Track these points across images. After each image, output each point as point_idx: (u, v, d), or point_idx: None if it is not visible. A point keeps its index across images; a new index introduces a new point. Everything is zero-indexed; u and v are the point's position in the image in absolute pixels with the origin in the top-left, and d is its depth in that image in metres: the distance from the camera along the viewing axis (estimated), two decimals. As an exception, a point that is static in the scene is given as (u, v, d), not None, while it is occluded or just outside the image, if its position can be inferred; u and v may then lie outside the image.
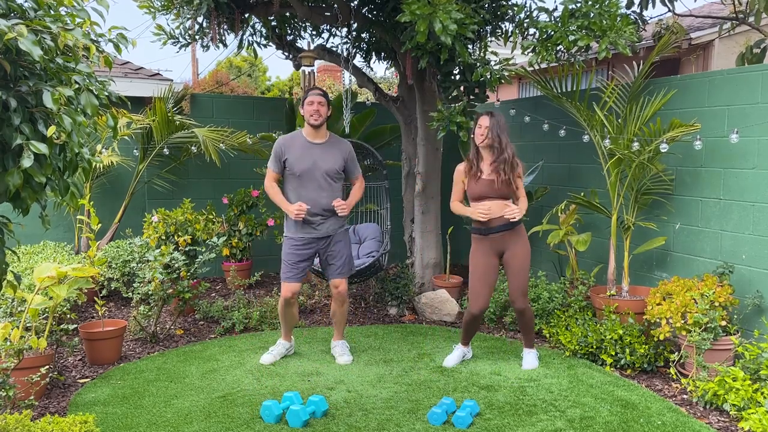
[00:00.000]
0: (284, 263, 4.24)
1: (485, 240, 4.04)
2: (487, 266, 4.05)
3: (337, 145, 4.27)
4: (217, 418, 3.41)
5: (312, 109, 4.13)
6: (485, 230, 4.02)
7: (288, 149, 4.18)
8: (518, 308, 4.09)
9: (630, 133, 4.61)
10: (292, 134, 4.31)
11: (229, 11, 5.68)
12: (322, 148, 4.20)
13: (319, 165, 4.14)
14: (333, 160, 4.19)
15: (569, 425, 3.33)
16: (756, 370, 3.58)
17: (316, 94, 4.17)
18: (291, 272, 4.21)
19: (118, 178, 6.71)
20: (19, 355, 3.47)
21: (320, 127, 4.20)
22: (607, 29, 4.33)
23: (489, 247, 4.05)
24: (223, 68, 19.54)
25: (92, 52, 2.17)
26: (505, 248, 4.06)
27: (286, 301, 4.25)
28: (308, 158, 4.14)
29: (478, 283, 4.06)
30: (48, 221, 2.32)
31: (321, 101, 4.15)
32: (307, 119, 4.17)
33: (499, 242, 4.03)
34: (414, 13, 4.16)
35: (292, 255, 4.21)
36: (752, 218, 4.23)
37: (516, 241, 4.05)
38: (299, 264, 4.21)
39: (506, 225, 4.00)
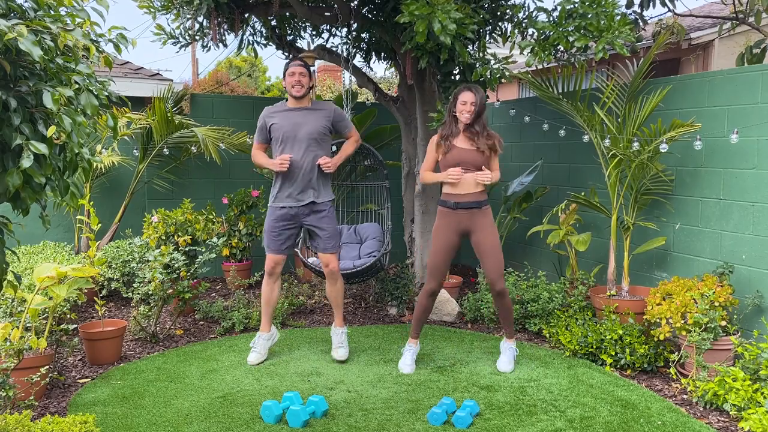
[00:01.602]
0: (266, 234, 4.25)
1: (452, 215, 4.00)
2: (450, 244, 4.04)
3: (320, 107, 4.29)
4: (217, 418, 3.41)
5: (293, 80, 4.16)
6: (454, 204, 3.98)
7: (271, 118, 4.24)
8: (498, 290, 4.02)
9: (629, 133, 4.62)
10: (275, 105, 4.35)
11: (229, 11, 5.68)
12: (304, 112, 4.23)
13: (301, 128, 4.16)
14: (315, 122, 4.20)
15: (569, 425, 3.33)
16: (756, 370, 3.58)
17: (297, 65, 4.19)
18: (271, 242, 4.22)
19: (118, 178, 6.71)
20: (19, 355, 3.47)
21: (303, 98, 4.22)
22: (605, 30, 4.32)
23: (454, 225, 4.01)
24: (223, 68, 19.55)
25: (92, 53, 2.17)
26: (471, 228, 4.01)
27: (268, 274, 4.26)
28: (290, 122, 4.18)
29: (441, 257, 4.03)
30: (48, 221, 2.32)
31: (302, 71, 4.17)
32: (289, 90, 4.20)
33: (465, 220, 3.99)
34: (413, 13, 4.16)
35: (273, 224, 4.21)
36: (752, 218, 4.24)
37: (484, 221, 4.01)
38: (281, 235, 4.20)
39: (476, 203, 3.97)
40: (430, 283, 4.11)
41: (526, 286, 5.13)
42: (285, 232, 4.23)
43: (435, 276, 4.08)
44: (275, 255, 4.25)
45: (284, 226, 4.22)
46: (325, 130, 4.23)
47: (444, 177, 3.96)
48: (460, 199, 3.98)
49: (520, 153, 6.54)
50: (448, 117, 4.08)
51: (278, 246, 4.23)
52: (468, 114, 3.94)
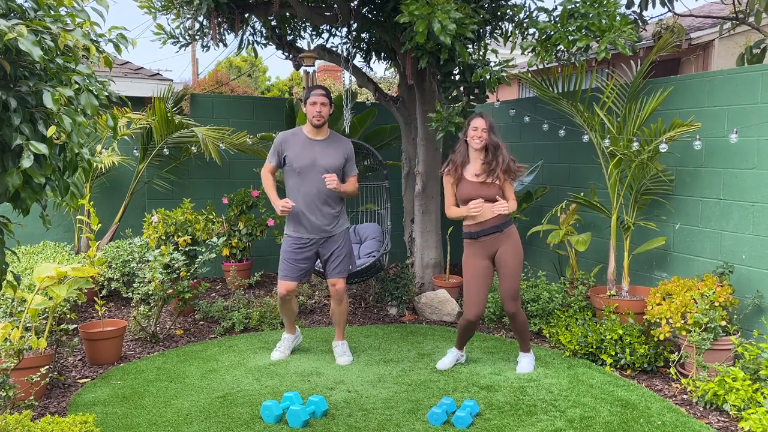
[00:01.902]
0: (282, 261, 4.26)
1: (476, 243, 4.03)
2: (480, 271, 4.03)
3: (338, 143, 4.27)
4: (217, 418, 3.41)
5: (314, 110, 4.15)
6: (476, 233, 4.01)
7: (288, 145, 4.20)
8: (508, 312, 4.07)
9: (629, 133, 4.62)
10: (293, 130, 4.33)
11: (229, 11, 5.68)
12: (322, 145, 4.21)
13: (318, 162, 4.15)
14: (333, 158, 4.20)
15: (569, 425, 3.33)
16: (756, 370, 3.58)
17: (319, 95, 4.17)
18: (287, 270, 4.23)
19: (118, 178, 6.71)
20: (19, 355, 3.47)
21: (322, 127, 4.21)
22: (606, 29, 4.32)
23: (481, 251, 4.03)
24: (223, 68, 19.55)
25: (92, 53, 2.17)
26: (496, 250, 4.03)
27: (281, 299, 4.29)
28: (308, 155, 4.15)
29: (472, 289, 4.03)
30: (48, 221, 2.32)
31: (324, 102, 4.16)
32: (310, 119, 4.19)
33: (490, 245, 4.01)
34: (413, 13, 4.16)
35: (289, 253, 4.22)
36: (752, 218, 4.24)
37: (507, 243, 4.02)
38: (297, 263, 4.22)
39: (497, 227, 3.99)
40: (467, 314, 4.06)
41: (526, 286, 5.13)
42: (302, 261, 4.23)
43: (470, 306, 4.03)
44: (290, 282, 4.23)
45: (302, 256, 4.22)
46: (340, 167, 4.23)
47: (466, 211, 3.98)
48: (480, 228, 4.00)
49: (520, 153, 6.53)
50: (461, 144, 4.10)
51: (296, 274, 4.23)
52: (479, 140, 3.98)
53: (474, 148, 4.02)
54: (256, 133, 6.52)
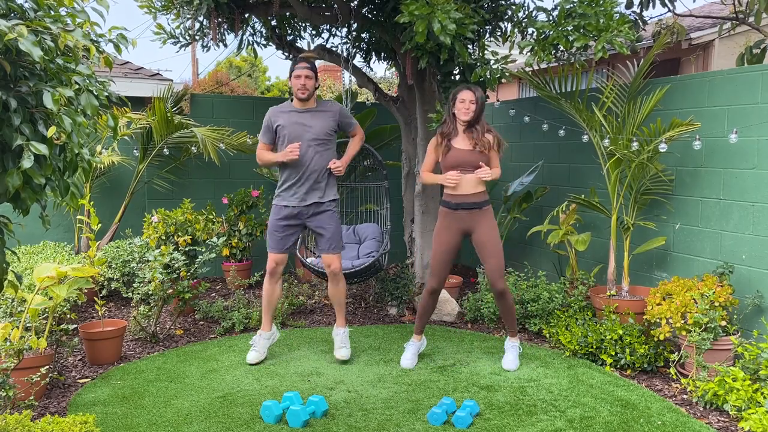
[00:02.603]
0: (269, 233, 4.28)
1: (452, 215, 4.04)
2: (451, 245, 4.07)
3: (326, 108, 4.30)
4: (217, 418, 3.41)
5: (299, 83, 4.17)
6: (455, 204, 4.01)
7: (277, 118, 4.24)
8: (499, 289, 4.05)
9: (629, 133, 4.62)
10: (281, 105, 4.35)
11: (229, 11, 5.67)
12: (310, 113, 4.23)
13: (308, 129, 4.17)
14: (322, 123, 4.21)
15: (569, 425, 3.33)
16: (756, 370, 3.58)
17: (303, 68, 4.18)
18: (274, 241, 4.23)
19: (118, 178, 6.71)
20: (19, 355, 3.47)
21: (308, 99, 4.23)
22: (604, 29, 4.32)
23: (455, 224, 4.04)
24: (223, 68, 19.55)
25: (92, 53, 2.17)
26: (471, 228, 4.04)
27: (269, 273, 4.27)
28: (296, 125, 4.18)
29: (442, 257, 4.07)
30: (48, 221, 2.32)
31: (308, 74, 4.17)
32: (295, 93, 4.22)
33: (466, 220, 4.02)
34: (412, 14, 4.16)
35: (276, 223, 4.23)
36: (752, 218, 4.24)
37: (484, 221, 4.03)
38: (283, 233, 4.21)
39: (476, 203, 4.00)
40: (431, 282, 4.14)
41: (526, 286, 5.13)
42: (288, 231, 4.24)
43: (436, 275, 4.11)
44: (277, 254, 4.26)
45: (288, 225, 4.23)
46: (331, 131, 4.25)
47: (442, 180, 4.01)
48: (461, 200, 4.01)
49: (520, 153, 6.54)
50: (448, 117, 4.11)
51: (281, 245, 4.24)
52: (466, 111, 3.97)
53: (461, 120, 4.02)
54: (256, 133, 6.51)
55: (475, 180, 3.99)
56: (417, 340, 4.30)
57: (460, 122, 4.05)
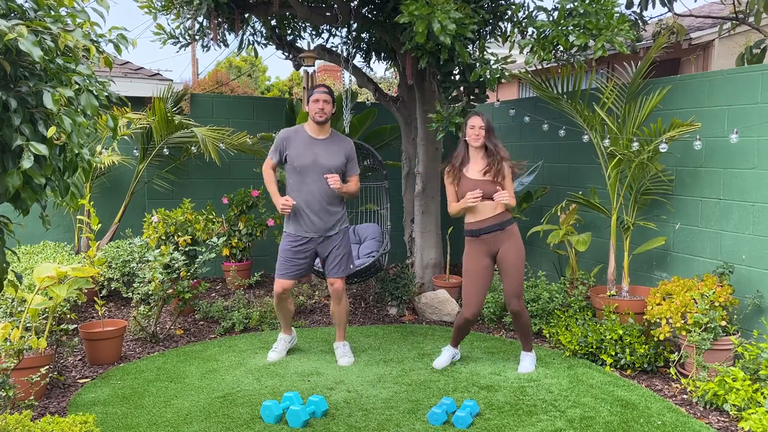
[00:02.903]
0: (279, 259, 4.26)
1: (477, 241, 4.04)
2: (479, 269, 4.04)
3: (340, 142, 4.27)
4: (217, 418, 3.41)
5: (317, 107, 4.15)
6: (477, 231, 4.02)
7: (290, 143, 4.20)
8: (512, 310, 4.07)
9: (629, 133, 4.62)
10: (296, 128, 4.32)
11: (229, 11, 5.68)
12: (323, 144, 4.21)
13: (319, 161, 4.15)
14: (334, 157, 4.20)
15: (569, 425, 3.33)
16: (756, 370, 3.58)
17: (322, 92, 4.18)
18: (283, 269, 4.23)
19: (118, 178, 6.71)
20: (19, 355, 3.47)
21: (324, 124, 4.21)
22: (604, 28, 4.32)
23: (481, 249, 4.04)
24: (223, 68, 19.54)
25: (92, 53, 2.17)
26: (497, 249, 4.04)
27: (277, 297, 4.29)
28: (309, 154, 4.16)
29: (471, 287, 4.04)
30: (48, 221, 2.32)
31: (326, 99, 4.17)
32: (312, 116, 4.20)
33: (491, 243, 4.03)
34: (412, 14, 4.16)
35: (287, 251, 4.22)
36: (752, 218, 4.24)
37: (508, 242, 4.03)
38: (294, 261, 4.21)
39: (498, 225, 4.00)
40: (466, 313, 4.07)
41: (526, 286, 5.13)
42: (301, 260, 4.23)
43: (471, 304, 4.04)
44: (287, 281, 4.23)
45: (300, 254, 4.21)
46: (342, 165, 4.23)
47: (464, 203, 4.00)
48: (482, 225, 4.01)
49: (520, 153, 6.54)
50: (462, 144, 4.14)
51: (291, 271, 4.23)
52: (476, 137, 4.02)
53: (473, 146, 4.05)
54: (256, 133, 6.52)
55: (492, 204, 3.98)
56: (454, 349, 4.30)
57: (472, 148, 4.07)
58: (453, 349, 4.29)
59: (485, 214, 3.99)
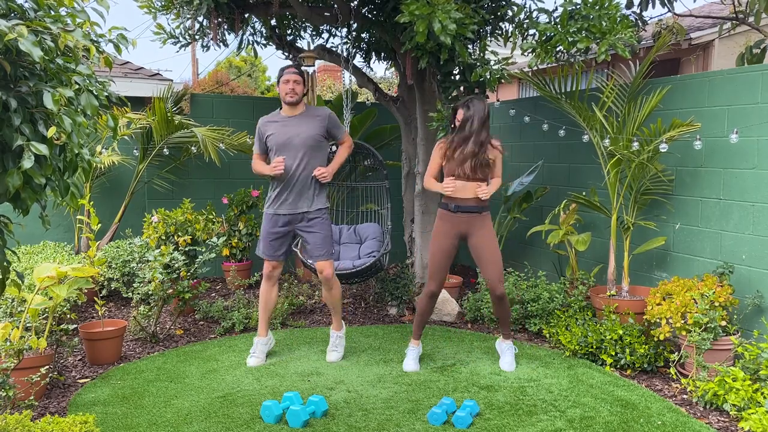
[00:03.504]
0: (263, 241, 4.29)
1: (451, 218, 4.06)
2: (449, 246, 4.09)
3: (313, 113, 4.28)
4: (217, 418, 3.41)
5: (288, 88, 4.17)
6: (454, 207, 4.04)
7: (267, 128, 4.24)
8: (499, 294, 4.06)
9: (629, 133, 4.62)
10: (271, 114, 4.35)
11: (229, 11, 5.68)
12: (297, 119, 4.22)
13: (296, 136, 4.16)
14: (309, 129, 4.19)
15: (569, 425, 3.33)
16: (756, 370, 3.58)
17: (291, 72, 4.19)
18: (267, 248, 4.25)
19: (118, 178, 6.71)
20: (19, 355, 3.47)
21: (296, 104, 4.23)
22: (607, 32, 4.32)
23: (452, 228, 4.07)
24: (223, 68, 19.54)
25: (92, 53, 2.17)
26: (469, 232, 4.06)
27: (266, 276, 4.30)
28: (283, 132, 4.18)
29: (441, 260, 4.08)
30: (48, 221, 2.32)
31: (297, 79, 4.18)
32: (283, 97, 4.21)
33: (464, 224, 4.05)
34: (413, 13, 4.16)
35: (267, 231, 4.24)
36: (752, 218, 4.24)
37: (482, 226, 4.06)
38: (275, 241, 4.23)
39: (476, 207, 4.03)
40: (429, 285, 4.14)
41: (526, 286, 5.13)
42: (280, 239, 4.25)
43: (435, 278, 4.11)
44: (272, 261, 4.29)
45: (279, 233, 4.24)
46: (320, 137, 4.22)
47: (441, 188, 4.04)
48: (461, 203, 4.04)
49: (520, 153, 6.54)
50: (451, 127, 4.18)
51: (273, 252, 4.26)
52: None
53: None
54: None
55: (475, 185, 4.00)
56: (416, 345, 4.29)
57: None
58: (416, 346, 4.27)
59: (468, 194, 4.01)
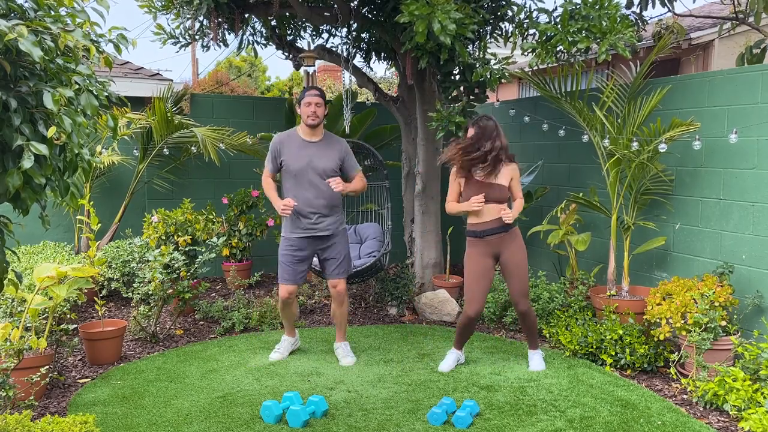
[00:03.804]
0: (281, 264, 4.25)
1: (480, 242, 4.04)
2: (482, 269, 4.04)
3: (333, 144, 4.26)
4: (217, 418, 3.41)
5: (309, 111, 4.15)
6: (480, 232, 4.02)
7: (283, 148, 4.19)
8: (521, 310, 4.08)
9: (629, 133, 4.62)
10: (288, 133, 4.31)
11: (229, 11, 5.68)
12: (317, 146, 4.20)
13: (314, 163, 4.14)
14: (328, 159, 4.18)
15: (569, 425, 3.33)
16: (756, 370, 3.58)
17: (314, 95, 4.18)
18: (287, 273, 4.22)
19: (118, 178, 6.71)
20: (19, 355, 3.47)
21: (316, 128, 4.21)
22: (607, 32, 4.32)
23: (484, 250, 4.04)
24: (223, 68, 19.54)
25: (92, 53, 2.17)
26: (500, 251, 4.05)
27: (283, 302, 4.29)
28: (304, 157, 4.15)
29: (474, 285, 4.04)
30: (48, 221, 2.32)
31: (318, 102, 4.16)
32: (304, 120, 4.19)
33: (494, 244, 4.03)
34: (413, 13, 4.16)
35: (287, 255, 4.22)
36: (752, 218, 4.24)
37: (512, 243, 4.04)
38: (296, 265, 4.21)
39: (501, 227, 4.00)
40: (468, 310, 4.06)
41: (526, 286, 5.12)
42: (301, 263, 4.22)
43: (474, 302, 4.04)
44: (291, 286, 4.23)
45: (300, 257, 4.21)
46: (337, 168, 4.21)
47: (467, 207, 4.00)
48: (486, 227, 4.01)
49: (520, 153, 6.52)
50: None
51: (295, 276, 4.22)
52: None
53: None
54: (256, 133, 6.52)
55: (497, 207, 3.98)
56: (459, 351, 4.27)
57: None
58: (458, 351, 4.27)
59: (490, 216, 3.99)
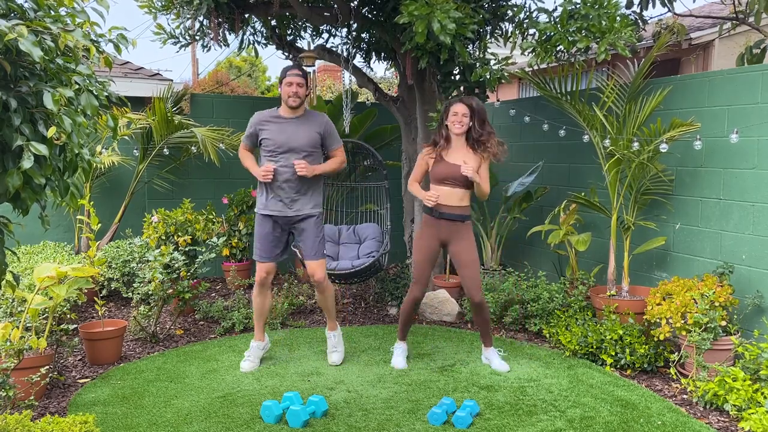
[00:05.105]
0: (256, 243, 4.17)
1: (435, 224, 4.07)
2: (432, 254, 4.13)
3: (312, 119, 4.15)
4: (217, 418, 3.41)
5: (291, 91, 4.04)
6: (438, 214, 4.04)
7: (262, 126, 4.11)
8: (477, 302, 4.05)
9: (629, 133, 4.62)
10: (269, 111, 4.20)
11: (229, 11, 5.68)
12: (296, 123, 4.10)
13: (292, 140, 4.04)
14: (307, 135, 4.08)
15: (569, 425, 3.33)
16: (756, 370, 3.58)
17: (295, 75, 4.05)
18: (264, 250, 4.14)
19: (118, 178, 6.71)
20: (19, 355, 3.47)
21: (298, 108, 4.11)
22: (607, 31, 4.32)
23: (436, 233, 4.09)
24: (223, 68, 19.55)
25: (92, 53, 2.17)
26: (450, 239, 4.08)
27: (259, 283, 4.18)
28: (282, 134, 4.06)
29: (426, 264, 4.11)
30: (48, 221, 2.31)
31: (300, 82, 4.04)
32: (285, 100, 4.08)
33: (446, 230, 4.06)
34: (412, 14, 4.16)
35: (264, 231, 4.12)
36: (752, 218, 4.24)
37: (463, 234, 4.07)
38: (270, 242, 4.12)
39: (459, 216, 4.04)
40: (414, 291, 4.13)
41: (526, 286, 5.13)
42: (277, 239, 4.16)
43: (420, 283, 4.13)
44: (267, 263, 4.15)
45: (275, 233, 4.14)
46: (316, 143, 4.11)
47: (422, 196, 4.06)
48: (445, 210, 4.04)
49: (520, 153, 6.54)
50: (440, 127, 4.12)
51: (271, 253, 4.14)
52: (459, 125, 4.00)
53: (454, 134, 4.04)
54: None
55: (460, 194, 4.01)
56: (403, 344, 4.32)
57: (453, 135, 4.05)
58: (402, 344, 4.29)
59: (452, 202, 4.02)
